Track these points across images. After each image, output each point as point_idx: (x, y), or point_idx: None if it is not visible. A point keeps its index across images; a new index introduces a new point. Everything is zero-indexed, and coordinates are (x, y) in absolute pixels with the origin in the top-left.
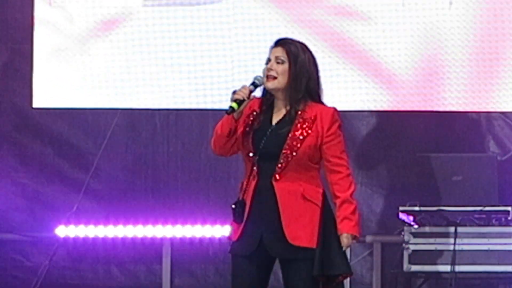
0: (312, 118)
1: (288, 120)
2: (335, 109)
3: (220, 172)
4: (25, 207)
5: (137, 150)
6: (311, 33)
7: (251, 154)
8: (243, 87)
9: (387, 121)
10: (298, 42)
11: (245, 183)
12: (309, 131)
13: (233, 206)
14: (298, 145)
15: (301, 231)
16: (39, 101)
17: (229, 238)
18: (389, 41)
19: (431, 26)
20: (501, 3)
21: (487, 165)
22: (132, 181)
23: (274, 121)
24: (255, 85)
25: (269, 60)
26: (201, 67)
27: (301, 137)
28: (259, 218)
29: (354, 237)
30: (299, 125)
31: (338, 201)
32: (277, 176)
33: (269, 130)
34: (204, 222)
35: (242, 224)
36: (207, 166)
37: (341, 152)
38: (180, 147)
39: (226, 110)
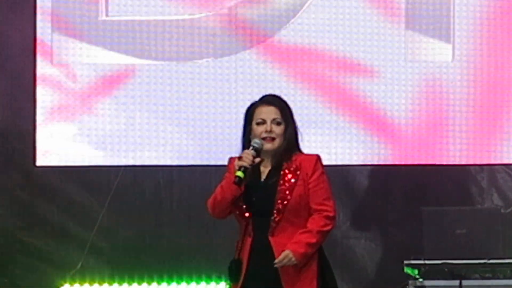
0: (297, 167)
1: (274, 174)
2: (318, 156)
3: (224, 229)
4: (29, 265)
5: (141, 207)
6: (313, 88)
7: (246, 214)
8: (245, 153)
9: (391, 175)
10: (280, 97)
11: (240, 241)
12: (296, 181)
13: (229, 266)
14: (288, 196)
15: (300, 284)
16: (42, 159)
17: None
18: (392, 95)
19: (433, 80)
20: (502, 56)
21: (491, 218)
22: (136, 238)
23: (263, 178)
24: (256, 149)
25: (263, 120)
26: (203, 123)
27: (290, 189)
28: (257, 276)
29: (294, 260)
30: (285, 177)
31: (303, 230)
32: (272, 231)
33: (259, 187)
34: (208, 278)
35: (240, 283)
36: (211, 222)
37: (325, 198)
38: (184, 203)
39: (234, 181)
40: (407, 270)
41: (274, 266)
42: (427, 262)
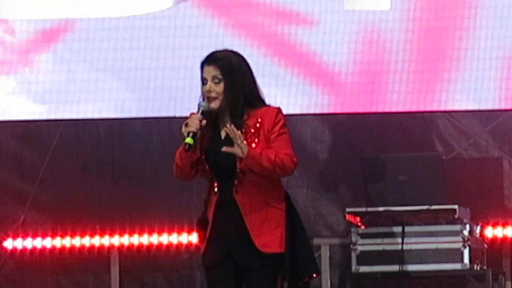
0: (256, 123)
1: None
2: (278, 108)
3: (165, 180)
4: None
5: (82, 161)
6: (252, 38)
7: (210, 174)
8: (191, 118)
9: (331, 123)
10: (227, 51)
11: (206, 199)
12: (256, 139)
13: (196, 223)
14: None
15: (269, 237)
16: None
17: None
18: (331, 43)
19: (372, 28)
20: (442, 3)
21: (432, 164)
22: (78, 191)
23: (222, 136)
24: (202, 112)
25: (205, 80)
26: (144, 76)
27: (250, 146)
28: (224, 232)
29: (245, 149)
30: (246, 135)
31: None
32: (237, 189)
33: (219, 146)
34: (151, 230)
35: (207, 240)
36: (152, 174)
37: (286, 149)
38: (125, 156)
39: (184, 148)
40: (349, 217)
41: (240, 220)
42: (369, 209)
